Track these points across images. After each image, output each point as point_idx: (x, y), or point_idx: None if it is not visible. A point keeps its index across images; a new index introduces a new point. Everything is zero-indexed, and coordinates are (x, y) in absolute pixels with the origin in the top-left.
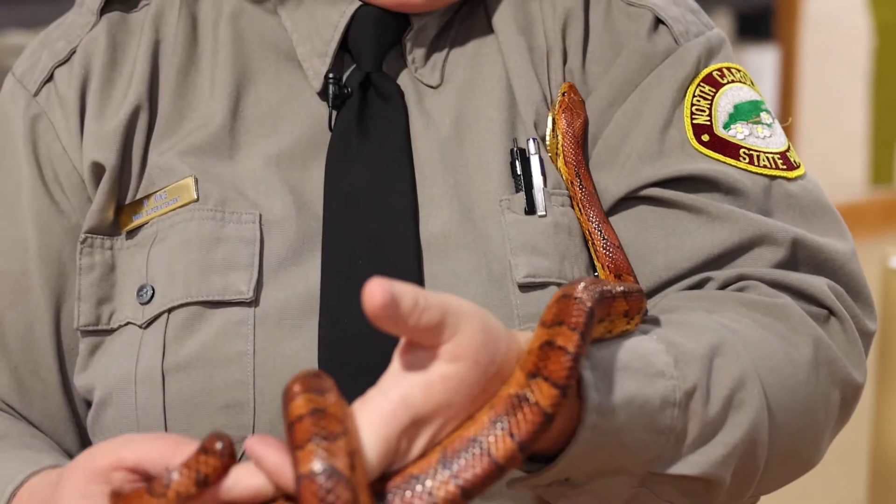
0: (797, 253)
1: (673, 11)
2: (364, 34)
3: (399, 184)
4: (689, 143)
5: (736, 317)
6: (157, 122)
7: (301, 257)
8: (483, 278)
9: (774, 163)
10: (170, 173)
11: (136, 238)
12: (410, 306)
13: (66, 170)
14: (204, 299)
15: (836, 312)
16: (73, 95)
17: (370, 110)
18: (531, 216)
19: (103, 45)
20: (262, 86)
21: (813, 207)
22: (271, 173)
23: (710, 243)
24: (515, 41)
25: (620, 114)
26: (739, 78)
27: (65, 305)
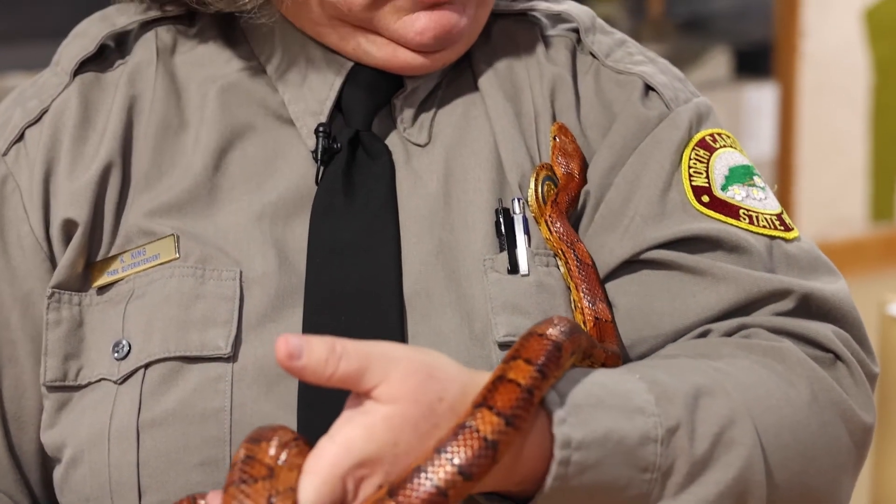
0: (806, 305)
1: (661, 79)
2: (357, 94)
3: (383, 240)
4: (691, 203)
5: (731, 359)
6: (134, 177)
7: (282, 313)
8: (465, 337)
9: (773, 224)
10: (149, 232)
11: (108, 294)
12: (324, 356)
13: (24, 231)
14: (182, 354)
15: (842, 357)
16: (41, 157)
17: (357, 167)
18: (514, 275)
19: (75, 105)
20: (249, 143)
21: (812, 264)
22: (254, 228)
23: (715, 303)
24: (503, 106)
25: (620, 177)
26: (730, 143)
27: (5, 372)
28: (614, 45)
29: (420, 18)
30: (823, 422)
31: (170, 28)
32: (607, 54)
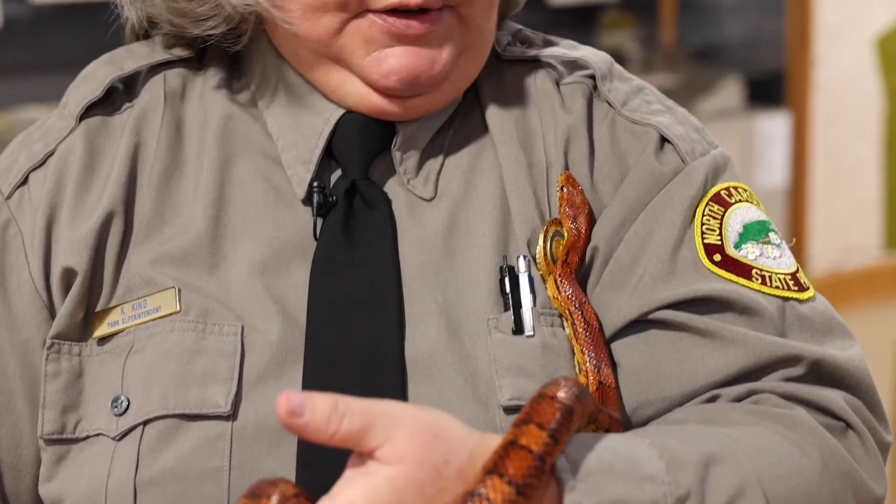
0: (818, 372)
1: (678, 130)
2: (349, 142)
3: (386, 298)
4: (702, 262)
5: (741, 426)
6: (136, 226)
7: (282, 370)
8: (469, 399)
9: (786, 284)
10: (150, 283)
11: (108, 346)
12: (327, 414)
13: (24, 278)
14: (181, 412)
15: (854, 425)
16: (44, 203)
17: (356, 219)
18: (518, 336)
19: (80, 151)
20: (248, 190)
21: (826, 327)
22: (255, 282)
23: (724, 367)
24: (515, 155)
25: (631, 234)
26: (746, 197)
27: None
28: (631, 92)
29: (389, 57)
30: (834, 492)
31: (179, 71)
32: (624, 102)
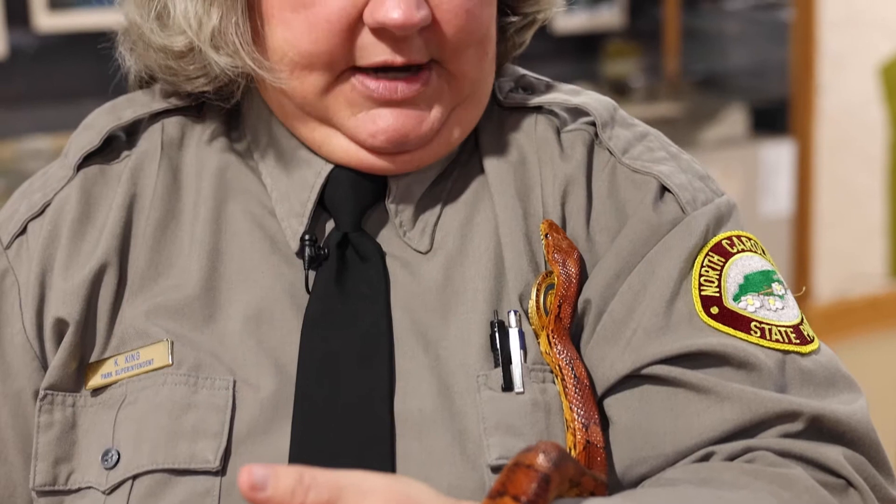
0: (818, 427)
1: (679, 179)
2: (341, 195)
3: (377, 354)
4: (698, 316)
5: (734, 488)
6: (131, 277)
7: (272, 425)
8: (457, 458)
9: (787, 337)
10: (144, 335)
11: (102, 397)
12: (291, 487)
13: (17, 329)
14: (170, 467)
15: (854, 483)
16: (38, 252)
17: (349, 272)
18: (508, 393)
19: (75, 201)
20: (243, 240)
21: (829, 380)
22: (249, 336)
23: (719, 424)
24: (511, 206)
25: (626, 286)
26: (750, 247)
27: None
28: (634, 139)
29: (374, 118)
30: None
31: (178, 119)
32: (625, 150)
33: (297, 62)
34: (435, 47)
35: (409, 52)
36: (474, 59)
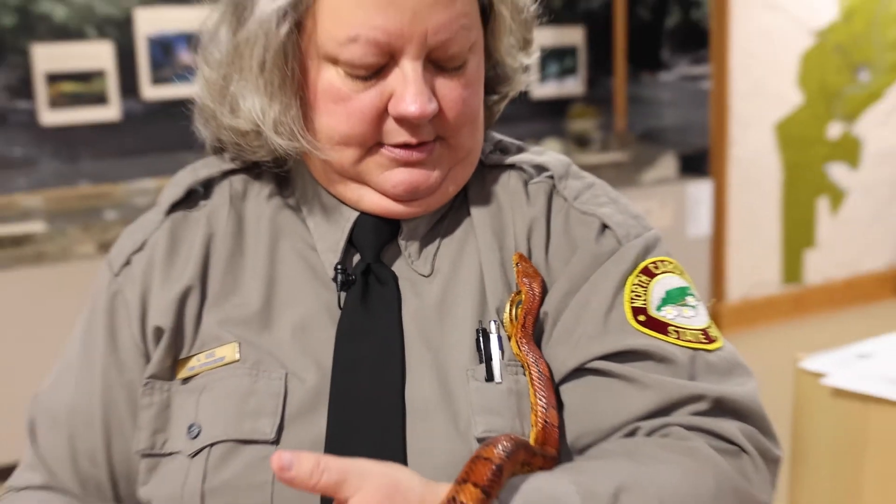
0: (719, 406)
1: (617, 218)
2: (365, 235)
3: (392, 355)
4: (628, 322)
5: (651, 459)
6: (209, 296)
7: (314, 408)
8: (452, 433)
9: (697, 338)
10: (219, 338)
11: (189, 385)
12: (310, 470)
13: (128, 335)
14: (237, 438)
15: (746, 449)
16: (140, 278)
17: (371, 292)
18: (490, 383)
19: (165, 239)
20: (291, 269)
21: (728, 369)
22: (296, 341)
23: (643, 406)
24: (490, 243)
25: (575, 301)
26: (671, 269)
27: (115, 440)
28: (583, 188)
29: (395, 174)
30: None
31: (242, 177)
32: (576, 197)
33: (337, 141)
34: (440, 128)
35: (421, 134)
36: (468, 134)
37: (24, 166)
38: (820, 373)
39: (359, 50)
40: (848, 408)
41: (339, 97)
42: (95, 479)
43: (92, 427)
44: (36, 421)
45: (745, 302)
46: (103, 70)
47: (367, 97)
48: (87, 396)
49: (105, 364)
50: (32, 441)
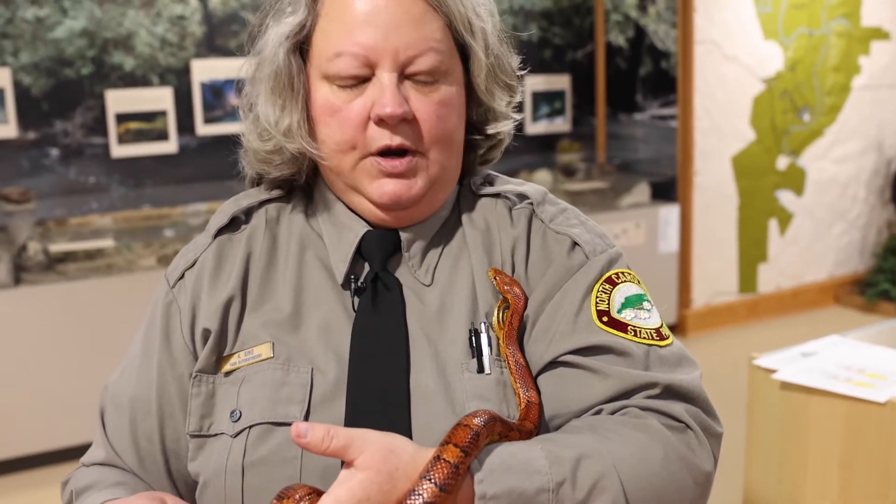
0: (669, 391)
1: (585, 237)
2: (372, 248)
3: (398, 351)
4: (594, 322)
5: (610, 432)
6: (248, 303)
7: (335, 396)
8: (450, 416)
9: (651, 335)
10: (256, 337)
11: (230, 378)
12: (321, 436)
13: (180, 336)
14: (272, 421)
15: (690, 426)
16: (191, 289)
17: (379, 298)
18: (481, 374)
19: (212, 257)
20: (316, 279)
21: (677, 361)
22: (320, 339)
23: (605, 392)
24: (480, 258)
25: (549, 306)
26: (630, 279)
27: (167, 423)
28: (557, 212)
29: (382, 185)
30: (671, 472)
31: (276, 205)
32: (551, 219)
33: (334, 147)
34: (416, 140)
35: (400, 138)
36: (442, 150)
37: (97, 192)
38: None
39: (343, 63)
40: (794, 398)
41: (333, 109)
42: (152, 455)
43: (150, 412)
44: (105, 407)
45: (707, 308)
46: (164, 111)
47: (354, 107)
48: (146, 387)
49: (160, 360)
50: (101, 424)
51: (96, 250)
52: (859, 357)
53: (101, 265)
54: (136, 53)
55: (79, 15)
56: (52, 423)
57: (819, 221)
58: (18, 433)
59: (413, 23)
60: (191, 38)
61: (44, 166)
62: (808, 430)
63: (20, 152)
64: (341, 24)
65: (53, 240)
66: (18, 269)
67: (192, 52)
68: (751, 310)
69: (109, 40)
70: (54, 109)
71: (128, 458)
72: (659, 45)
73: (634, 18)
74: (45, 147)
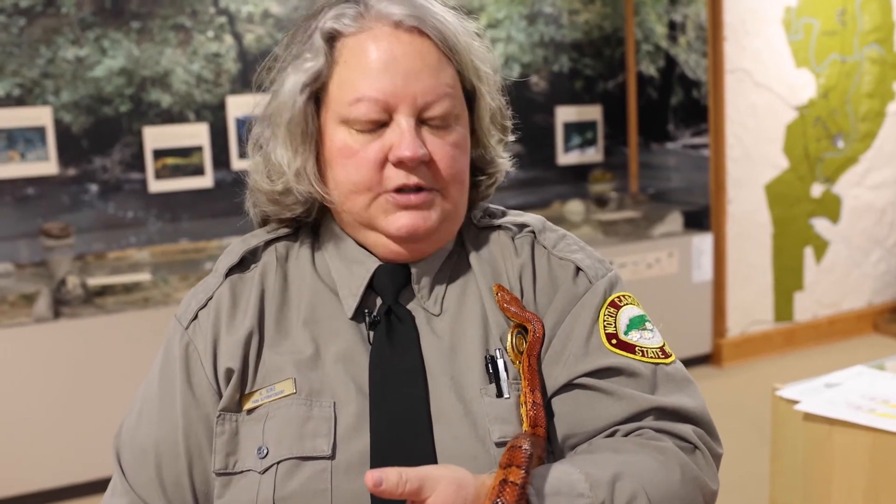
0: (677, 414)
1: (587, 262)
2: (384, 281)
3: (416, 380)
4: (604, 345)
5: (632, 454)
6: (266, 339)
7: (359, 427)
8: (473, 439)
9: (657, 354)
10: (277, 374)
11: (253, 415)
12: (395, 482)
13: (201, 378)
14: (300, 455)
15: (698, 447)
16: (209, 329)
17: (393, 329)
18: (500, 398)
19: (227, 296)
20: (330, 311)
21: (682, 381)
22: (340, 372)
23: (618, 414)
24: (489, 285)
25: (561, 331)
26: (631, 301)
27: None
28: (558, 239)
29: (398, 218)
30: (688, 492)
31: (285, 243)
32: (553, 245)
33: (350, 190)
34: (434, 180)
35: (416, 178)
36: (457, 190)
37: (134, 226)
38: (793, 400)
39: (363, 108)
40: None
41: (350, 152)
42: (182, 498)
43: (177, 455)
44: (122, 454)
45: (743, 337)
46: (200, 146)
47: (372, 149)
48: (171, 430)
49: (185, 403)
50: (119, 470)
51: (133, 284)
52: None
53: (138, 298)
54: (173, 91)
55: (117, 54)
56: (93, 455)
57: (855, 249)
58: (60, 464)
59: (429, 70)
60: (226, 75)
61: (83, 202)
62: (832, 462)
63: (61, 188)
64: (360, 71)
65: (92, 274)
66: (58, 302)
67: (227, 89)
68: (787, 339)
69: (147, 78)
70: (93, 146)
71: (154, 500)
72: (690, 74)
73: (665, 48)
74: (84, 183)
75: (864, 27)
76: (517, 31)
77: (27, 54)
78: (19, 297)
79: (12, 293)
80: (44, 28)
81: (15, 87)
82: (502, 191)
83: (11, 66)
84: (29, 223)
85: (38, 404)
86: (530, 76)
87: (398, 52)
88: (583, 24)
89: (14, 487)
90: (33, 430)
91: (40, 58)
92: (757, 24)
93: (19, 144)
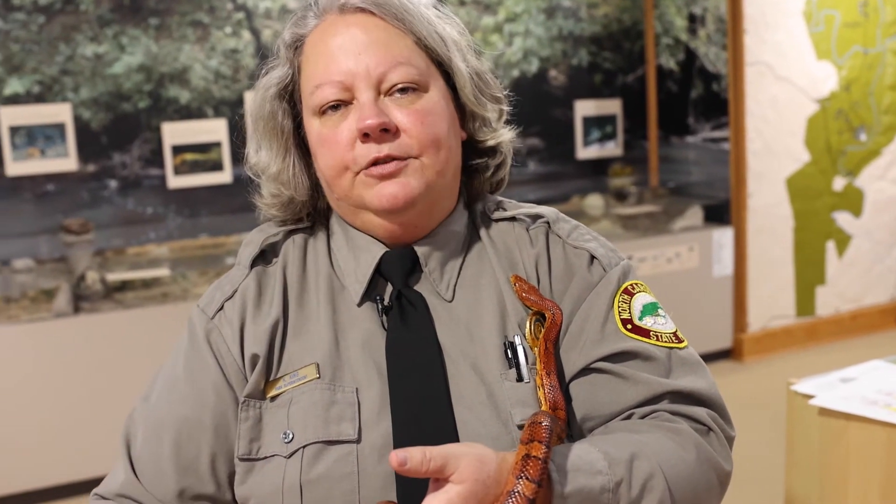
0: (691, 397)
1: (600, 251)
2: (391, 265)
3: (434, 364)
4: (620, 330)
5: (648, 434)
6: (289, 329)
7: (382, 410)
8: (497, 421)
9: (671, 339)
10: (301, 360)
11: (277, 401)
12: (420, 460)
13: (231, 361)
14: (326, 439)
15: (712, 428)
16: (237, 317)
17: (406, 313)
18: (520, 383)
19: (253, 287)
20: (347, 300)
21: (695, 365)
22: (361, 356)
23: (635, 397)
24: (507, 274)
25: (577, 317)
26: (643, 289)
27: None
28: (571, 229)
29: (379, 189)
30: (703, 472)
31: (302, 235)
32: (568, 235)
33: (331, 174)
34: (404, 149)
35: (386, 149)
36: (435, 155)
37: (154, 222)
38: (808, 394)
39: (323, 92)
40: (833, 424)
41: (323, 139)
42: (196, 476)
43: (203, 432)
44: (133, 433)
45: (764, 332)
46: (219, 142)
47: (341, 130)
48: (198, 407)
49: (216, 381)
50: (125, 453)
51: (153, 279)
52: None
53: (156, 294)
54: (192, 87)
55: (136, 51)
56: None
57: (878, 242)
58: (80, 458)
59: (379, 44)
60: (244, 71)
61: (103, 198)
62: (847, 457)
63: (80, 185)
64: (316, 60)
65: (111, 269)
66: (78, 298)
67: (246, 84)
68: (809, 333)
69: (165, 75)
70: (113, 142)
71: (163, 482)
72: (710, 67)
73: (685, 41)
74: (104, 179)
75: (886, 18)
76: (535, 25)
77: (46, 52)
78: (40, 292)
79: (33, 288)
80: (63, 25)
81: (35, 84)
82: (521, 185)
83: (31, 63)
84: (49, 219)
85: (57, 399)
86: (549, 70)
87: (346, 34)
88: (602, 18)
89: (34, 482)
90: (53, 425)
91: (59, 55)
92: (777, 17)
93: (39, 141)
